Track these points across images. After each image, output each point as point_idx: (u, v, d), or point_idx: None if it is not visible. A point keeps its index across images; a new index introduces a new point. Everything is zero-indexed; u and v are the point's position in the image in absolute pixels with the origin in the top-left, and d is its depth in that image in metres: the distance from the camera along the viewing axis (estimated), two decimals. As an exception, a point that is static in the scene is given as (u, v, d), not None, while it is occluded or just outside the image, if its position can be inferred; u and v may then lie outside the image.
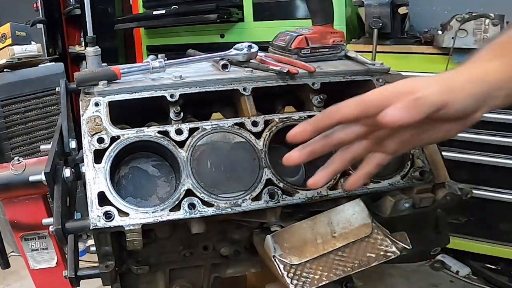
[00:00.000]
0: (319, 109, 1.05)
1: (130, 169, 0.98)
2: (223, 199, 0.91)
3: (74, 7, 3.81)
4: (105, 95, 1.00)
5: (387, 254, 0.91)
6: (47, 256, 1.36)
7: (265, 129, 0.99)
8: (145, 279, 1.11)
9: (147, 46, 3.09)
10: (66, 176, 0.98)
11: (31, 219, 1.28)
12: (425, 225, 1.14)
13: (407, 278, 2.35)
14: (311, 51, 1.15)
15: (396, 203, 0.98)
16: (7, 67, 2.47)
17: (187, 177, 0.91)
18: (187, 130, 0.96)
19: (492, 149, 2.08)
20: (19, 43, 2.51)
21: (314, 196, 0.94)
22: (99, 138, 0.93)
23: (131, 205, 0.88)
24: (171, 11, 2.75)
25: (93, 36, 2.73)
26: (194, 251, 1.06)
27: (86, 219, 0.87)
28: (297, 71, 1.07)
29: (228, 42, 2.64)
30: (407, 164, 1.00)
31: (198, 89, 1.04)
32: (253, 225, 1.02)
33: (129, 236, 0.86)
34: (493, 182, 2.12)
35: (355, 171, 0.74)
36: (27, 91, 2.50)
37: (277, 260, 0.89)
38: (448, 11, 2.44)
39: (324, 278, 0.87)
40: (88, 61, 2.64)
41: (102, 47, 2.68)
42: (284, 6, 2.60)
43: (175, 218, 0.88)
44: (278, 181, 0.94)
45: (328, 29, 1.17)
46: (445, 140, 0.68)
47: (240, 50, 1.12)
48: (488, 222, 2.19)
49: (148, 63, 1.05)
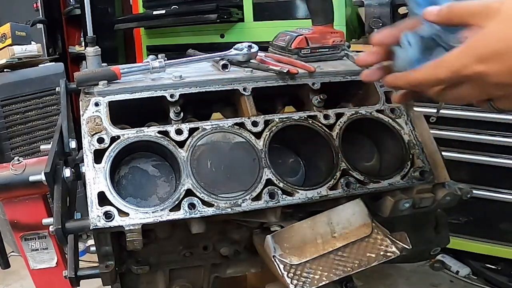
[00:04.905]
0: (319, 109, 1.05)
1: (130, 169, 0.98)
2: (223, 199, 0.91)
3: (74, 7, 3.81)
4: (105, 95, 1.00)
5: (387, 254, 0.91)
6: (47, 256, 1.36)
7: (265, 129, 0.99)
8: (145, 279, 1.11)
9: (147, 46, 3.09)
10: (66, 176, 0.98)
11: (31, 219, 1.28)
12: (425, 225, 1.14)
13: (407, 278, 2.35)
14: (311, 51, 1.15)
15: (396, 203, 0.98)
16: (7, 67, 2.47)
17: (187, 177, 0.91)
18: (187, 130, 0.96)
19: (492, 149, 2.08)
20: (19, 43, 2.51)
21: (314, 196, 0.94)
22: (99, 138, 0.93)
23: (131, 205, 0.88)
24: (171, 11, 2.75)
25: (93, 36, 2.73)
26: (194, 251, 1.06)
27: (86, 219, 0.87)
28: (297, 71, 1.07)
29: (228, 42, 2.64)
30: (407, 164, 1.00)
31: (198, 89, 1.04)
32: (253, 225, 1.02)
33: (129, 236, 0.86)
34: (493, 182, 2.12)
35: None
36: (27, 91, 2.50)
37: (277, 260, 0.89)
38: (448, 11, 2.43)
39: (324, 278, 0.87)
40: (88, 61, 2.64)
41: (102, 47, 2.67)
42: (284, 6, 2.59)
43: (175, 218, 0.88)
44: (278, 181, 0.94)
45: (328, 29, 1.17)
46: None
47: (240, 50, 1.12)
48: (488, 222, 2.19)
49: (148, 63, 1.05)
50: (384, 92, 1.08)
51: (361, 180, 0.97)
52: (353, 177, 0.97)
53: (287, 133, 1.02)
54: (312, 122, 1.02)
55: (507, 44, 0.55)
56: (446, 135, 2.10)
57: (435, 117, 1.97)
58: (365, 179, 0.97)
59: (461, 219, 2.22)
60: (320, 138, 1.01)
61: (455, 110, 2.07)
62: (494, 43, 0.56)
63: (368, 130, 1.09)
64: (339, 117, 1.03)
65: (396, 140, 1.04)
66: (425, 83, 0.64)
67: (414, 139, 1.03)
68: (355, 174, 0.97)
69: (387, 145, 1.07)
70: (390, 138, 1.05)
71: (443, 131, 2.09)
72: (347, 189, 0.96)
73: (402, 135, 1.03)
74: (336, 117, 1.03)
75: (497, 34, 0.56)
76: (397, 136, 1.04)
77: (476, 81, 0.59)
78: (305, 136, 1.04)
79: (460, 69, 0.58)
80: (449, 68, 0.59)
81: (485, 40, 0.56)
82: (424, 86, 0.65)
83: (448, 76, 0.60)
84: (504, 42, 0.55)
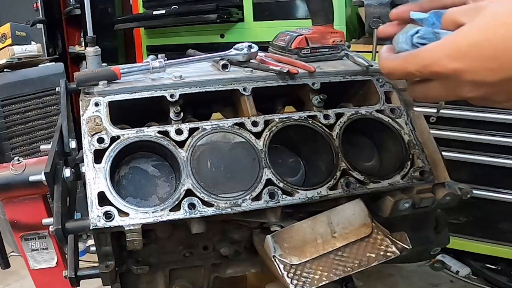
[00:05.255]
0: (319, 109, 1.05)
1: (130, 169, 0.98)
2: (223, 199, 0.91)
3: (74, 7, 3.81)
4: (105, 95, 1.00)
5: (387, 254, 0.91)
6: (47, 256, 1.36)
7: (265, 129, 0.99)
8: (145, 279, 1.11)
9: (147, 46, 3.09)
10: (66, 176, 0.98)
11: (31, 219, 1.28)
12: (425, 225, 1.14)
13: (407, 278, 2.35)
14: (311, 51, 1.15)
15: (396, 203, 0.98)
16: (7, 67, 2.47)
17: (187, 177, 0.91)
18: (187, 130, 0.96)
19: (492, 149, 2.08)
20: (19, 43, 2.51)
21: (314, 196, 0.94)
22: (99, 138, 0.93)
23: (131, 205, 0.88)
24: (171, 11, 2.75)
25: (93, 36, 2.73)
26: (194, 251, 1.06)
27: (86, 219, 0.87)
28: (297, 71, 1.07)
29: (228, 42, 2.65)
30: (407, 164, 1.00)
31: (198, 89, 1.04)
32: (253, 225, 1.02)
33: (129, 236, 0.86)
34: (493, 182, 2.12)
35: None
36: (27, 91, 2.50)
37: (277, 260, 0.89)
38: (448, 11, 2.44)
39: (324, 278, 0.87)
40: (88, 61, 2.64)
41: (102, 47, 2.69)
42: (284, 6, 2.60)
43: (175, 218, 0.88)
44: (278, 181, 0.94)
45: (328, 29, 1.17)
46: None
47: (240, 50, 1.12)
48: (488, 222, 2.19)
49: (148, 63, 1.05)
50: (384, 92, 1.08)
51: (361, 180, 0.97)
52: (353, 177, 0.97)
53: (287, 133, 1.02)
54: (312, 122, 1.02)
55: (488, 37, 0.50)
56: (446, 135, 2.10)
57: (435, 117, 1.97)
58: (365, 179, 0.97)
59: (461, 219, 2.22)
60: (320, 138, 1.01)
61: (455, 110, 2.07)
62: (475, 36, 0.51)
63: (368, 130, 1.09)
64: (339, 117, 1.03)
65: (396, 140, 1.04)
66: (395, 74, 0.61)
67: (414, 139, 1.03)
68: (355, 174, 0.97)
69: (387, 145, 1.07)
70: (390, 138, 1.05)
71: (443, 131, 2.09)
72: (347, 189, 0.96)
73: (402, 135, 1.03)
74: (336, 117, 1.03)
75: (478, 27, 0.51)
76: (397, 136, 1.04)
77: (447, 79, 0.55)
78: (305, 136, 1.04)
79: (431, 64, 0.54)
80: (419, 62, 0.56)
81: (463, 34, 0.52)
82: (394, 76, 0.62)
83: (417, 70, 0.56)
84: (485, 34, 0.50)
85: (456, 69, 0.53)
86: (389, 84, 1.10)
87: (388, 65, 0.61)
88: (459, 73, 0.53)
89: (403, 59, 0.59)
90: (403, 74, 0.60)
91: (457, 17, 0.55)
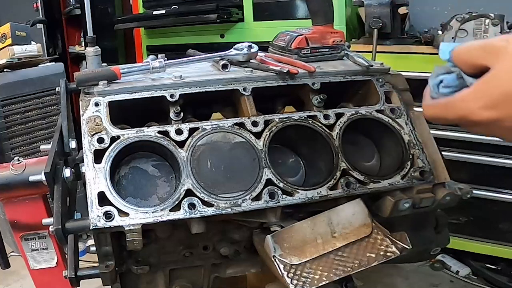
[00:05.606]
0: (319, 109, 1.05)
1: (130, 169, 0.98)
2: (223, 199, 0.91)
3: (74, 7, 3.81)
4: (105, 95, 1.00)
5: (387, 254, 0.91)
6: (47, 256, 1.36)
7: (265, 129, 0.99)
8: (145, 279, 1.11)
9: (147, 46, 3.09)
10: (66, 176, 0.98)
11: (31, 219, 1.28)
12: (425, 225, 1.14)
13: (407, 278, 2.35)
14: (311, 51, 1.15)
15: (396, 203, 0.98)
16: (7, 67, 2.47)
17: (187, 177, 0.91)
18: (187, 130, 0.96)
19: (492, 149, 2.08)
20: (19, 43, 2.51)
21: (314, 196, 0.94)
22: (99, 138, 0.93)
23: (131, 205, 0.88)
24: (171, 11, 2.75)
25: (93, 36, 2.73)
26: (194, 251, 1.06)
27: (86, 219, 0.87)
28: (297, 71, 1.07)
29: (228, 42, 2.64)
30: (407, 164, 1.00)
31: (198, 89, 1.04)
32: (253, 225, 1.02)
33: (129, 236, 0.86)
34: (493, 182, 2.12)
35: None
36: (27, 91, 2.50)
37: (277, 260, 0.89)
38: (448, 11, 2.44)
39: (324, 278, 0.87)
40: (88, 61, 2.64)
41: (102, 47, 2.68)
42: (284, 6, 2.59)
43: (175, 218, 0.88)
44: (278, 181, 0.94)
45: (328, 29, 1.17)
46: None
47: (240, 50, 1.12)
48: (488, 222, 2.19)
49: (148, 63, 1.05)
50: (384, 92, 1.08)
51: (361, 180, 0.97)
52: (353, 177, 0.97)
53: (287, 133, 1.02)
54: (312, 122, 1.02)
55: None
56: (446, 135, 2.10)
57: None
58: (365, 179, 0.97)
59: (461, 219, 2.22)
60: (320, 138, 1.01)
61: (455, 110, 2.07)
62: (504, 85, 0.51)
63: (368, 130, 1.09)
64: (339, 117, 1.03)
65: (396, 140, 1.04)
66: (437, 121, 0.61)
67: (414, 139, 1.03)
68: (355, 174, 0.97)
69: (387, 145, 1.07)
70: (390, 138, 1.05)
71: (443, 131, 2.09)
72: (347, 189, 0.96)
73: (402, 135, 1.03)
74: (336, 117, 1.03)
75: (507, 73, 0.51)
76: (397, 136, 1.04)
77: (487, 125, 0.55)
78: (305, 136, 1.04)
79: (467, 114, 0.54)
80: (457, 113, 0.56)
81: (494, 84, 0.52)
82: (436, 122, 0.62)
83: (455, 119, 0.57)
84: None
85: (493, 118, 0.53)
86: (389, 84, 1.10)
87: (429, 112, 0.61)
88: (496, 121, 0.53)
89: (441, 108, 0.59)
90: (444, 122, 0.60)
91: (474, 60, 0.54)
